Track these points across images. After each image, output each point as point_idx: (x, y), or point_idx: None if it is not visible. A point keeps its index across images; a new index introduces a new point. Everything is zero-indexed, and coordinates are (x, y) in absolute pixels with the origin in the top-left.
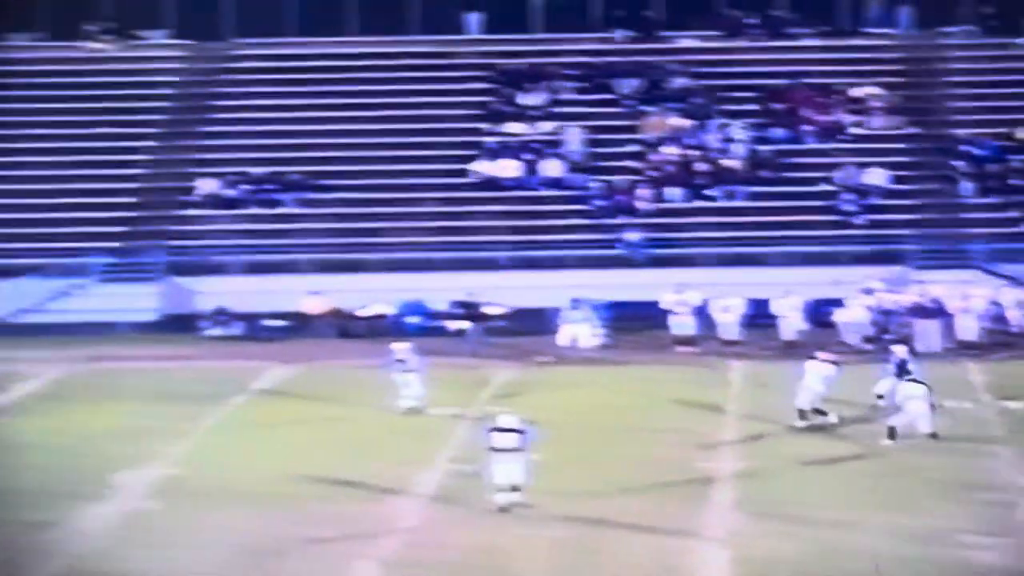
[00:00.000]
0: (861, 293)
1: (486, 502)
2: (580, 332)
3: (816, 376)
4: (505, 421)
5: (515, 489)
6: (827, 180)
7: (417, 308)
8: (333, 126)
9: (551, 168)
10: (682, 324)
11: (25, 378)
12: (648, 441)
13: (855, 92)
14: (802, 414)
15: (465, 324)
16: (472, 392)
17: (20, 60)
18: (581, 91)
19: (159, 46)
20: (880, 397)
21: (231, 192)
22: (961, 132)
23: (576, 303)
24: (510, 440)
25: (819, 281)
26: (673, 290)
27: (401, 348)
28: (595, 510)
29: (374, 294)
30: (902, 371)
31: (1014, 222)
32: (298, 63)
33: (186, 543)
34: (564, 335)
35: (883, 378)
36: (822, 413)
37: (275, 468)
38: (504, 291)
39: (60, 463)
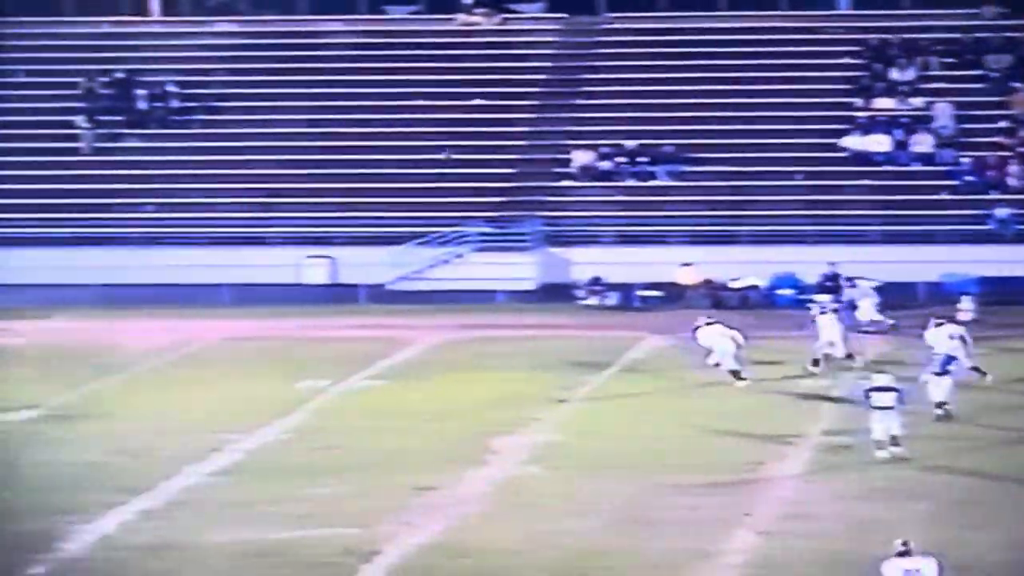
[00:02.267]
0: None
1: (861, 469)
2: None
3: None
4: (881, 380)
5: (895, 443)
6: None
7: (789, 281)
8: (704, 100)
9: (921, 143)
10: None
11: (406, 344)
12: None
13: None
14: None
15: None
16: (843, 363)
17: (398, 32)
18: (950, 67)
19: (533, 19)
20: None
21: (605, 164)
22: None
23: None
24: (887, 398)
25: None
26: None
27: (821, 299)
28: (972, 464)
29: (746, 266)
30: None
31: None
32: (670, 37)
33: (564, 508)
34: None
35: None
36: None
37: (649, 436)
38: (873, 265)
39: (441, 428)
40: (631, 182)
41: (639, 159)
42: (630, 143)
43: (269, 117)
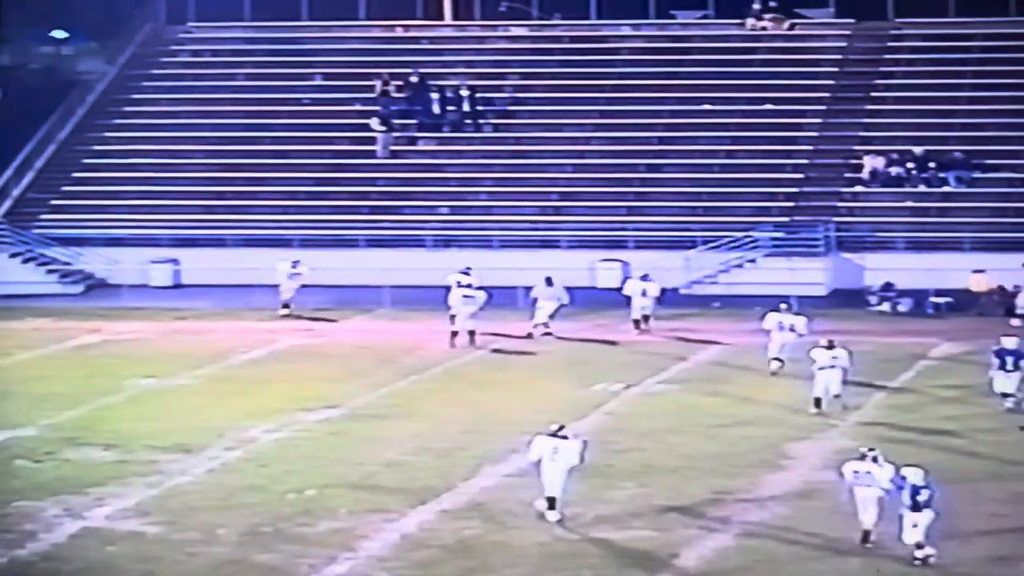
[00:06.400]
0: None
1: None
2: None
3: None
4: None
5: None
6: None
7: None
8: (994, 106)
9: None
10: None
11: (700, 349)
12: None
13: None
14: None
15: None
16: None
17: (687, 37)
18: None
19: (822, 24)
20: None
21: (896, 170)
22: None
23: None
24: None
25: None
26: None
27: None
28: None
29: None
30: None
31: None
32: (959, 42)
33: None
34: None
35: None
36: None
37: (950, 443)
38: None
39: (736, 432)
40: (922, 187)
41: (929, 164)
42: (919, 149)
43: (559, 121)
